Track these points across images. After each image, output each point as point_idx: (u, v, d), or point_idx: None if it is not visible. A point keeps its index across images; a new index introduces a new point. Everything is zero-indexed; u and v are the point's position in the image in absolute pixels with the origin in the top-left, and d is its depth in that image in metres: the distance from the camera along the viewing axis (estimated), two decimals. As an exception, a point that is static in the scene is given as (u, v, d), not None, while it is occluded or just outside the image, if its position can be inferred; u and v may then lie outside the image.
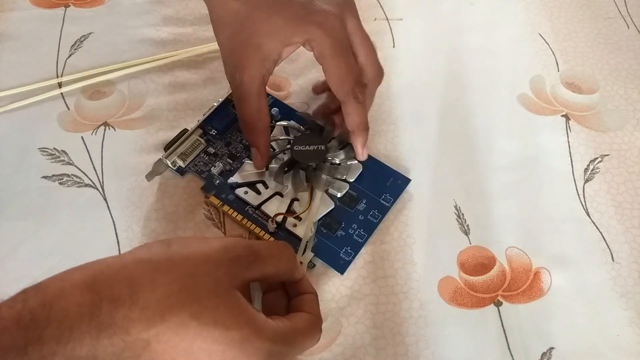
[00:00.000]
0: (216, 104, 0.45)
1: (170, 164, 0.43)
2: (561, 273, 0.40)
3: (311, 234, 0.40)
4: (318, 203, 0.41)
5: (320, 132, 0.44)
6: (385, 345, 0.37)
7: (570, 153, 0.45)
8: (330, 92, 0.45)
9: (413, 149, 0.45)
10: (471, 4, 0.55)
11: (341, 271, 0.39)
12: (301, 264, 0.38)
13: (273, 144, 0.43)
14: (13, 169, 0.44)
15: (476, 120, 0.47)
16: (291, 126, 0.44)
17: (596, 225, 0.42)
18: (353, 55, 0.39)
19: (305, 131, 0.44)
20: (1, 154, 0.45)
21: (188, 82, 0.49)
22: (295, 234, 0.40)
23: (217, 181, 0.43)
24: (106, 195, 0.43)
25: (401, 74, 0.47)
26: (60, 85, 0.49)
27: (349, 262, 0.40)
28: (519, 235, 0.41)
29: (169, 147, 0.43)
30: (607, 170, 0.44)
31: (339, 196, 0.42)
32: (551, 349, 0.37)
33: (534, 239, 0.41)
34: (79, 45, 0.52)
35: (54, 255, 0.40)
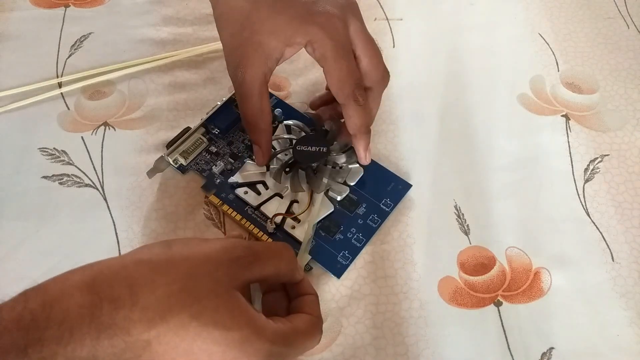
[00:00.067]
0: (220, 103, 0.45)
1: (171, 162, 0.43)
2: (561, 273, 0.40)
3: (310, 236, 0.40)
4: (318, 206, 0.40)
5: (324, 134, 0.43)
6: (385, 345, 0.37)
7: (570, 153, 0.45)
8: (327, 106, 0.45)
9: (413, 149, 0.45)
10: (471, 4, 0.55)
11: (338, 275, 0.39)
12: None
13: (274, 143, 0.43)
14: (13, 169, 0.44)
15: (476, 120, 0.47)
16: (295, 125, 0.44)
17: (596, 225, 0.42)
18: (356, 57, 0.38)
19: (309, 132, 0.44)
20: (1, 154, 0.45)
21: (188, 82, 0.49)
22: (293, 236, 0.40)
23: (218, 180, 0.43)
24: (106, 195, 0.43)
25: (401, 74, 0.47)
26: (60, 85, 0.49)
27: (346, 266, 0.39)
28: (519, 235, 0.41)
29: (171, 144, 0.43)
30: (607, 170, 0.44)
31: (339, 199, 0.42)
32: (551, 349, 0.37)
33: (534, 239, 0.41)
34: (79, 45, 0.51)
35: (54, 255, 0.40)
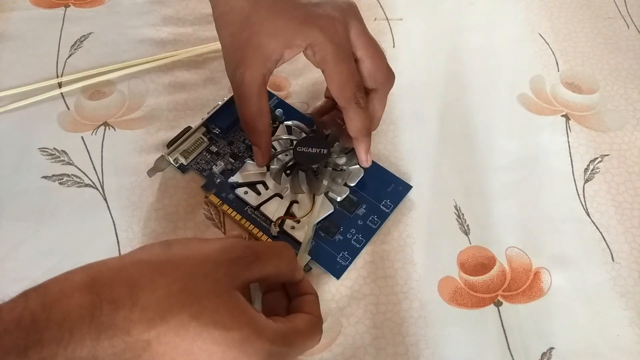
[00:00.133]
0: (221, 102, 0.45)
1: (172, 161, 0.43)
2: (561, 273, 0.40)
3: (309, 237, 0.40)
4: (318, 206, 0.40)
5: (325, 135, 0.43)
6: (385, 345, 0.37)
7: (570, 153, 0.45)
8: (328, 114, 0.45)
9: (413, 149, 0.45)
10: (471, 4, 0.55)
11: (337, 276, 0.39)
12: None
13: (275, 144, 0.43)
14: (13, 169, 0.44)
15: (476, 120, 0.47)
16: (295, 126, 0.44)
17: (596, 225, 0.42)
18: (358, 59, 0.38)
19: (309, 133, 0.44)
20: (1, 154, 0.45)
21: (188, 82, 0.49)
22: (293, 236, 0.40)
23: (218, 180, 0.43)
24: (106, 195, 0.43)
25: (401, 74, 0.46)
26: (60, 85, 0.49)
27: (345, 267, 0.39)
28: (519, 235, 0.41)
29: (171, 143, 0.43)
30: (607, 170, 0.44)
31: (338, 200, 0.42)
32: (551, 349, 0.37)
33: (534, 239, 0.41)
34: (79, 45, 0.51)
35: (54, 255, 0.40)
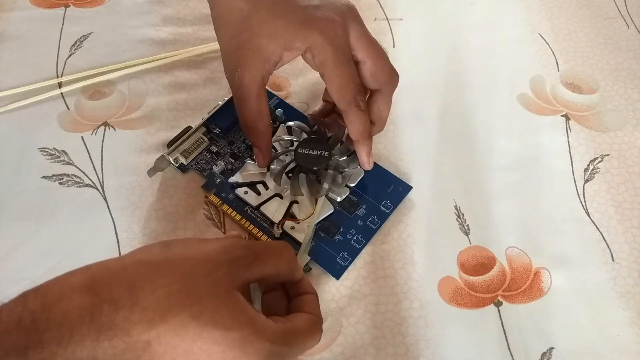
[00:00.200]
0: (221, 102, 0.45)
1: (172, 161, 0.43)
2: (561, 273, 0.40)
3: (309, 237, 0.40)
4: (321, 204, 0.40)
5: (326, 137, 0.43)
6: (385, 345, 0.37)
7: (570, 153, 0.45)
8: (329, 117, 0.44)
9: (413, 149, 0.45)
10: (471, 4, 0.55)
11: (337, 276, 0.39)
12: None
13: (276, 145, 0.43)
14: (13, 169, 0.44)
15: (476, 120, 0.47)
16: (296, 127, 0.44)
17: (596, 225, 0.42)
18: (360, 61, 0.38)
19: (310, 134, 0.43)
20: (1, 154, 0.45)
21: (188, 82, 0.49)
22: (293, 237, 0.40)
23: (218, 180, 0.43)
24: (106, 195, 0.43)
25: (401, 74, 0.46)
26: (60, 85, 0.49)
27: (345, 268, 0.39)
28: (519, 235, 0.41)
29: (172, 143, 0.43)
30: (607, 170, 0.44)
31: (338, 200, 0.42)
32: (551, 349, 0.37)
33: (534, 239, 0.41)
34: (79, 45, 0.51)
35: (54, 255, 0.40)
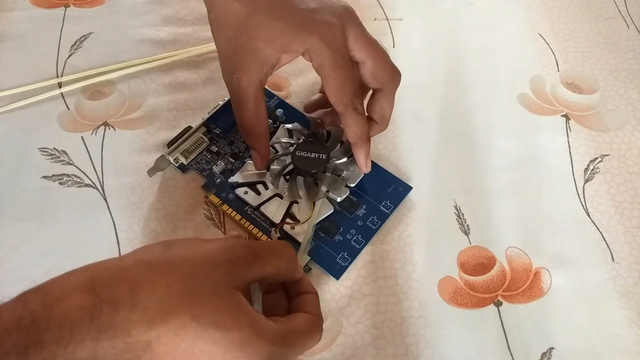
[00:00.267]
0: (221, 102, 0.45)
1: (172, 161, 0.43)
2: (561, 273, 0.40)
3: (309, 237, 0.39)
4: (319, 208, 0.40)
5: (324, 139, 0.43)
6: (385, 345, 0.37)
7: (570, 153, 0.45)
8: (326, 110, 0.45)
9: (413, 149, 0.45)
10: (471, 4, 0.55)
11: (337, 276, 0.39)
12: None
13: (276, 146, 0.43)
14: (13, 169, 0.44)
15: (476, 120, 0.47)
16: (295, 129, 0.44)
17: (596, 225, 0.42)
18: (359, 62, 0.38)
19: (309, 136, 0.43)
20: (1, 154, 0.45)
21: (188, 82, 0.49)
22: (293, 237, 0.40)
23: (218, 180, 0.43)
24: (106, 196, 0.43)
25: (401, 74, 0.46)
26: (60, 85, 0.49)
27: (345, 268, 0.39)
28: (519, 235, 0.41)
29: (172, 143, 0.43)
30: (607, 170, 0.44)
31: (338, 201, 0.41)
32: (551, 349, 0.37)
33: (534, 239, 0.41)
34: (79, 45, 0.51)
35: (54, 255, 0.40)
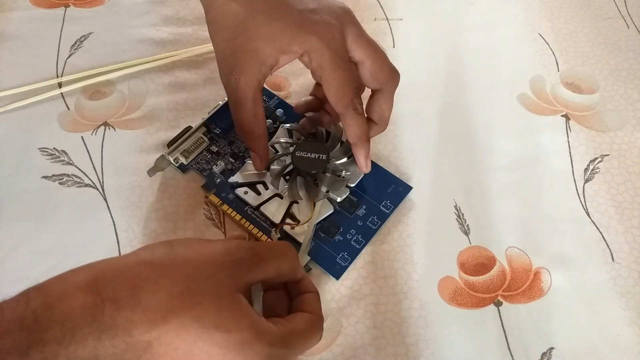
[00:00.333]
0: (221, 102, 0.45)
1: (172, 161, 0.43)
2: (561, 273, 0.40)
3: (309, 237, 0.39)
4: (319, 208, 0.40)
5: (324, 139, 0.43)
6: (385, 345, 0.37)
7: (570, 153, 0.45)
8: (321, 112, 0.44)
9: (413, 149, 0.45)
10: (471, 4, 0.55)
11: (337, 276, 0.39)
12: None
13: (276, 146, 0.43)
14: (13, 169, 0.44)
15: (476, 120, 0.47)
16: (295, 129, 0.44)
17: (596, 225, 0.42)
18: (358, 62, 0.38)
19: (308, 137, 0.43)
20: (1, 154, 0.45)
21: (188, 82, 0.49)
22: (293, 237, 0.40)
23: (218, 180, 0.43)
24: (106, 196, 0.43)
25: (401, 74, 0.46)
26: (60, 85, 0.49)
27: (345, 268, 0.39)
28: (519, 235, 0.41)
29: (172, 143, 0.43)
30: (607, 170, 0.44)
31: (338, 201, 0.41)
32: (551, 349, 0.37)
33: (534, 239, 0.41)
34: (79, 45, 0.51)
35: (54, 255, 0.40)
